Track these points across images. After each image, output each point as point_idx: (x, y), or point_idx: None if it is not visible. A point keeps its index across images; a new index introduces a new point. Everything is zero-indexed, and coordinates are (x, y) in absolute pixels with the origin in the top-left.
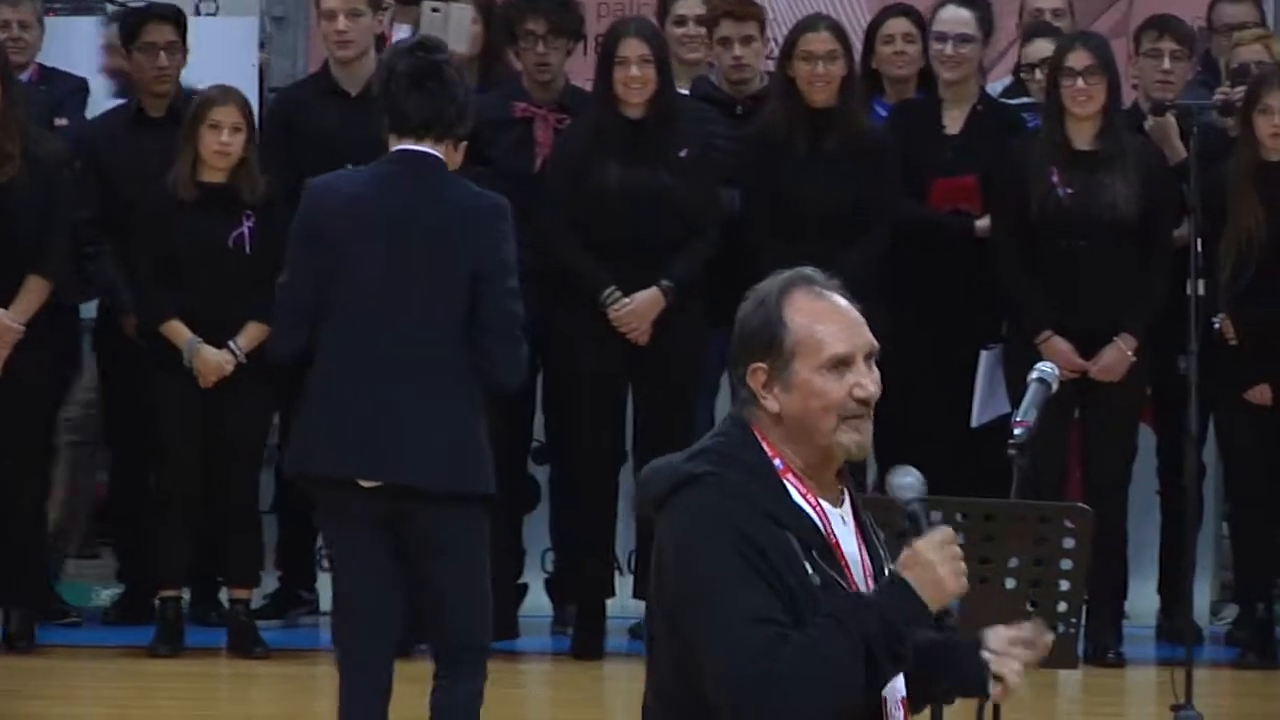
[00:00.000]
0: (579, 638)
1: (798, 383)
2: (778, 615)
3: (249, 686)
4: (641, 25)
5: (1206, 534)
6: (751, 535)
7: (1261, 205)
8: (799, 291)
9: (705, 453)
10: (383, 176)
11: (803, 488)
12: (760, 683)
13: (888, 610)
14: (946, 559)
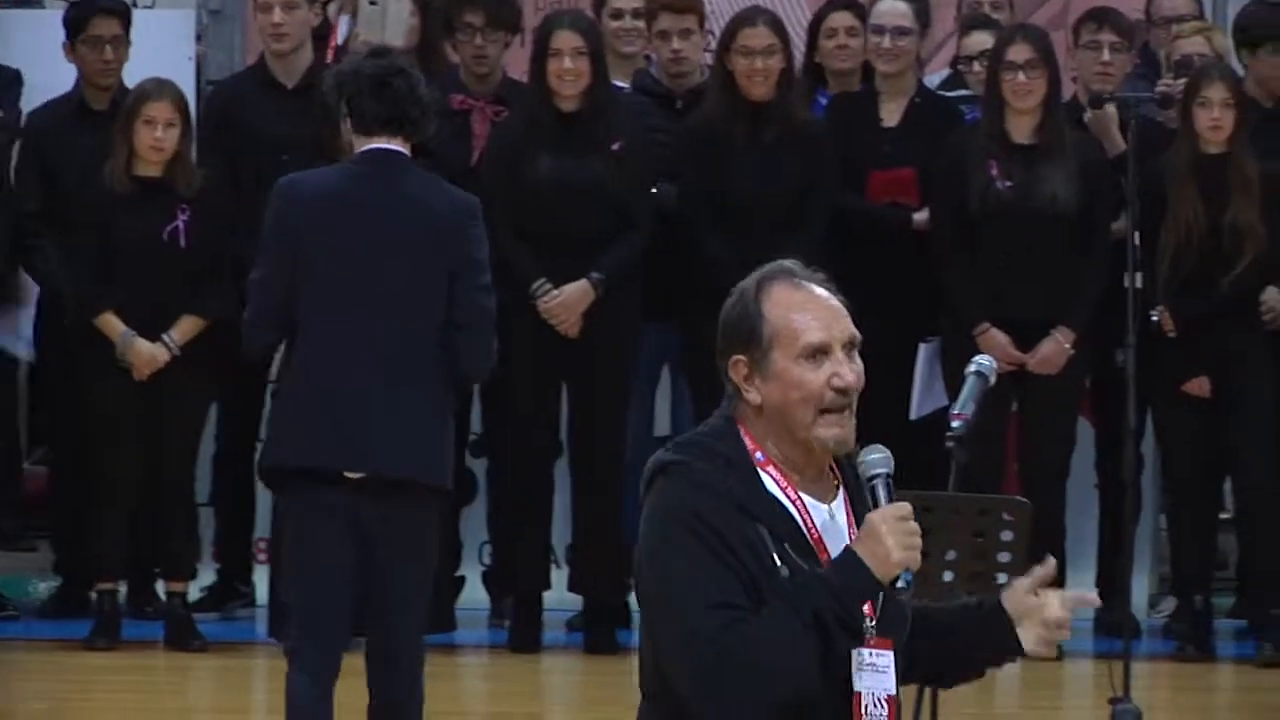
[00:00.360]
0: (516, 630)
1: (776, 373)
2: (735, 600)
3: (186, 679)
4: (575, 18)
5: (1144, 527)
6: (712, 523)
7: (1200, 198)
8: (777, 283)
9: (685, 444)
10: (354, 175)
11: (783, 481)
12: (714, 666)
13: (836, 582)
14: (896, 531)
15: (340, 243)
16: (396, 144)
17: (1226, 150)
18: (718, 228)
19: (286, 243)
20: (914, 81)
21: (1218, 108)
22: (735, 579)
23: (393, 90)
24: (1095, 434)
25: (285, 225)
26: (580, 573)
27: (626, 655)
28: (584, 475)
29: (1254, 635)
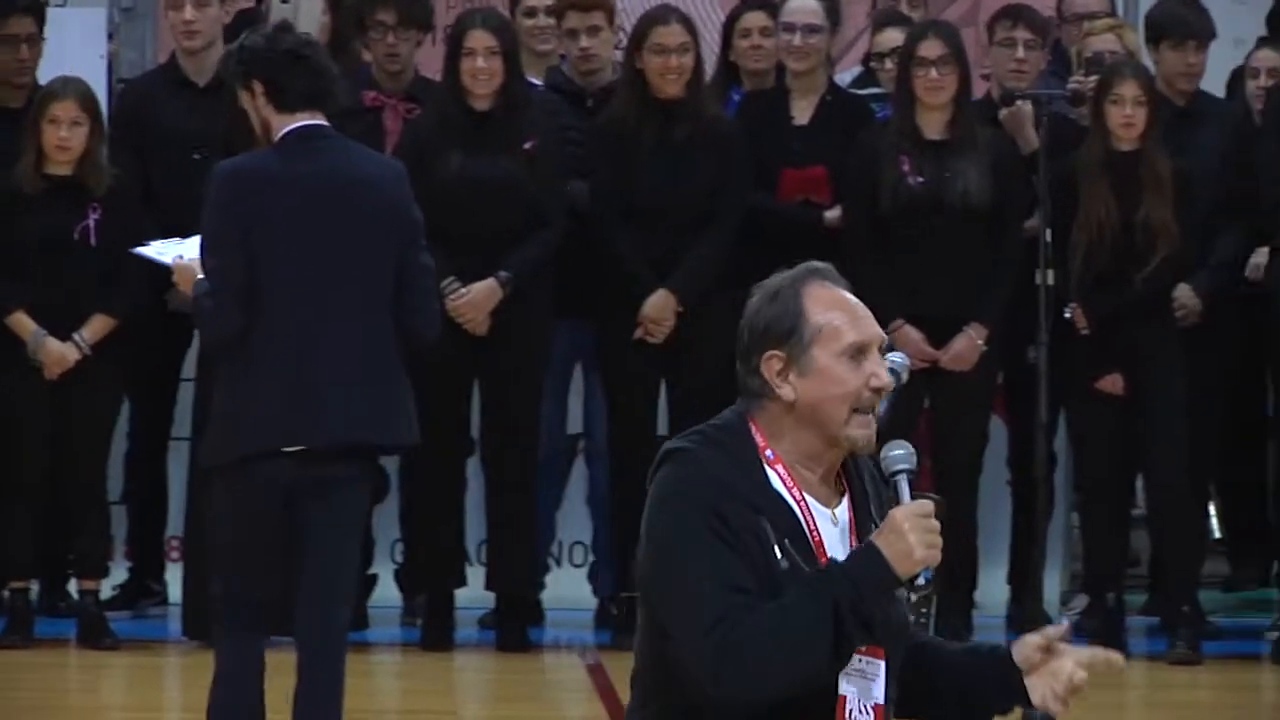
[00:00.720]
0: (428, 628)
1: (817, 369)
2: (745, 584)
3: (99, 677)
4: (489, 17)
5: (1057, 524)
6: (720, 509)
7: (1113, 194)
8: (814, 283)
9: (694, 434)
10: (291, 154)
11: (789, 480)
12: (728, 647)
13: (855, 574)
14: (918, 529)
15: (290, 222)
16: (318, 118)
17: (1139, 147)
18: (628, 226)
19: (237, 227)
20: (825, 79)
21: (1130, 105)
22: (742, 563)
23: (311, 65)
24: (1008, 431)
25: (233, 210)
26: (494, 570)
27: (539, 653)
28: (497, 473)
29: (1165, 633)
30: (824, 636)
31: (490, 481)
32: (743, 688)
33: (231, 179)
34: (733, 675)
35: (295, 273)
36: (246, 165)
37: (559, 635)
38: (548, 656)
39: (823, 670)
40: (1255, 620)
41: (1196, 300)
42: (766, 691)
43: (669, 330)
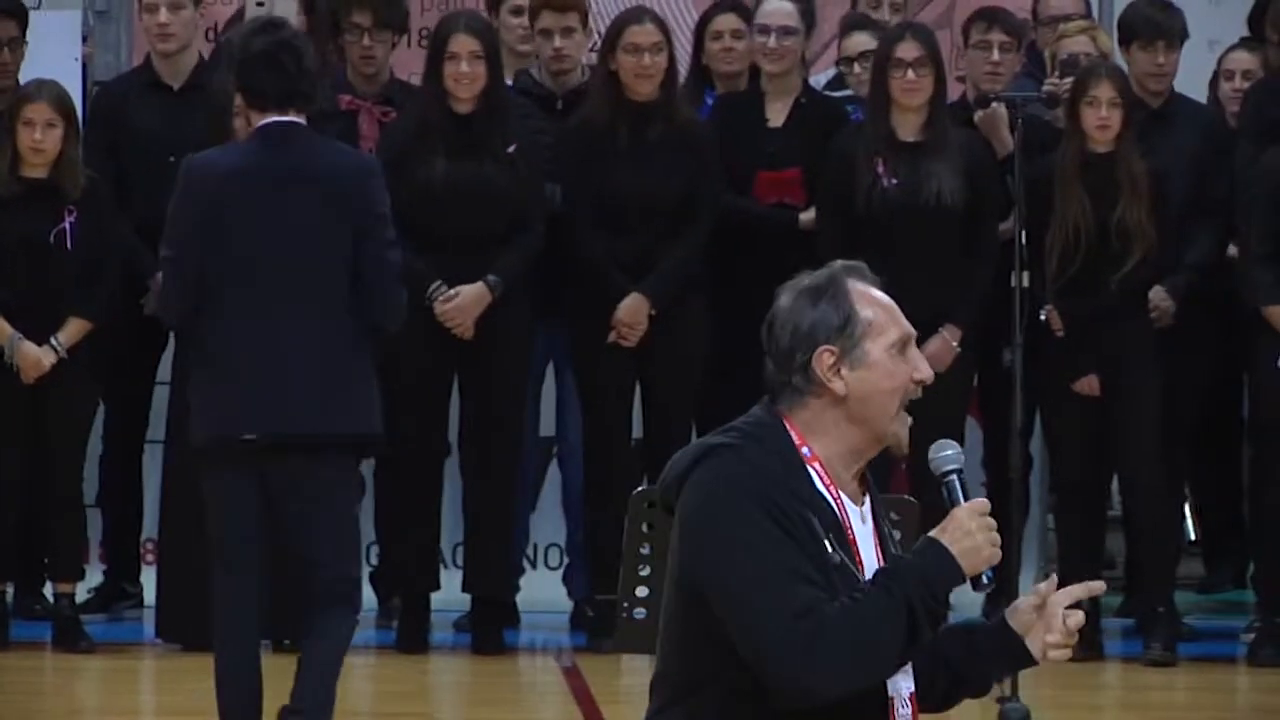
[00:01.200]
0: (404, 631)
1: (870, 363)
2: (814, 575)
3: (74, 680)
4: (472, 20)
5: (1032, 526)
6: (778, 501)
7: (1088, 196)
8: (854, 279)
9: (733, 430)
10: (256, 149)
11: (826, 478)
12: (805, 639)
13: (926, 572)
14: (984, 527)
15: (249, 215)
16: (290, 115)
17: (1114, 149)
18: (600, 228)
19: (196, 219)
20: (799, 82)
21: (1105, 107)
22: (807, 556)
23: (283, 66)
24: (983, 433)
25: (195, 202)
26: (470, 573)
27: (514, 656)
28: (476, 476)
29: (1141, 635)
30: (899, 632)
31: (468, 484)
32: (828, 679)
33: (193, 171)
34: (820, 666)
35: (253, 264)
36: (210, 159)
37: (534, 638)
38: (523, 659)
39: (894, 666)
40: (1231, 622)
41: (1170, 302)
42: (841, 688)
43: (642, 333)
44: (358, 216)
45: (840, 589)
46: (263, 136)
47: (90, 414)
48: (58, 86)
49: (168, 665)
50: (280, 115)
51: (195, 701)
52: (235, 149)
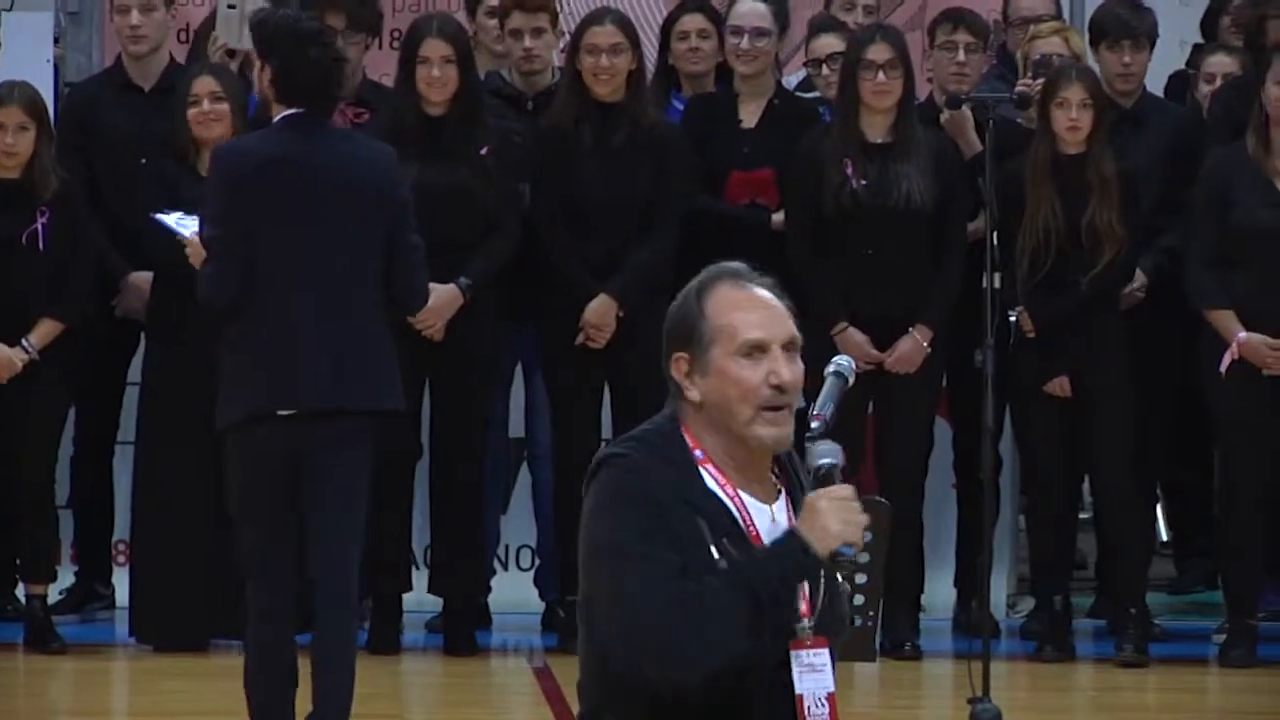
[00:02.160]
0: (375, 631)
1: (715, 370)
2: (676, 573)
3: (47, 681)
4: (444, 24)
5: (1003, 527)
6: (657, 505)
7: (1059, 197)
8: (721, 284)
9: (628, 439)
10: (289, 138)
11: (721, 479)
12: (654, 628)
13: (774, 556)
14: (836, 509)
15: (286, 200)
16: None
17: (1085, 150)
18: (567, 230)
19: (238, 200)
20: (773, 83)
21: (1076, 108)
22: (677, 556)
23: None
24: (953, 434)
25: (233, 187)
26: (440, 575)
27: (486, 656)
28: (445, 477)
29: (1112, 635)
30: (746, 618)
31: (438, 486)
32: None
33: (232, 158)
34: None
35: (291, 247)
36: (246, 145)
37: (506, 639)
38: (494, 660)
39: (748, 649)
40: (1202, 623)
41: (1143, 277)
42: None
43: (610, 335)
44: (387, 203)
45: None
46: (290, 125)
47: (61, 415)
48: (29, 88)
49: (140, 666)
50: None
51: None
52: (266, 137)
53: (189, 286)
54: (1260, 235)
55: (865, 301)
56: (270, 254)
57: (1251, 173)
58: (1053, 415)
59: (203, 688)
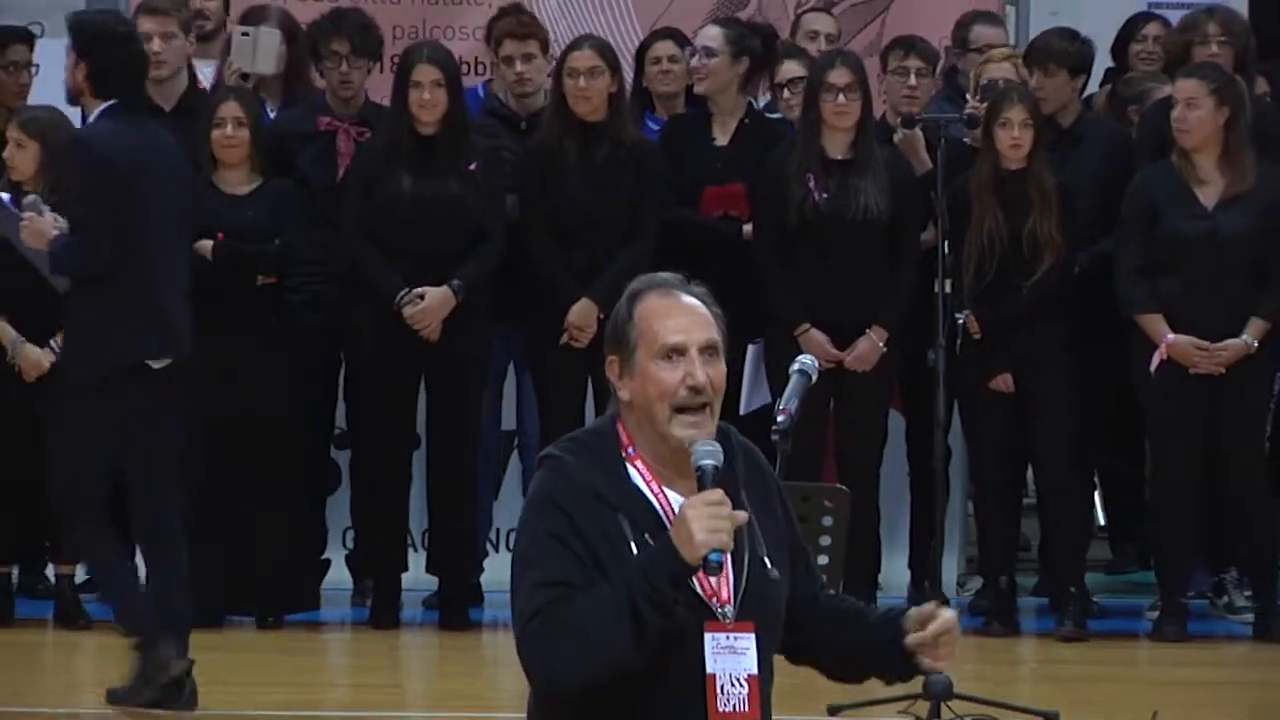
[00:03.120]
0: (376, 609)
1: (639, 371)
2: (571, 580)
3: (74, 654)
4: (433, 51)
5: (953, 513)
6: (569, 512)
7: (1001, 210)
8: (650, 293)
9: (565, 439)
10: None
11: (649, 475)
12: (534, 637)
13: (647, 563)
14: (702, 515)
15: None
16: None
17: (1025, 166)
18: (553, 240)
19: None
20: (743, 103)
21: (1017, 128)
22: (577, 562)
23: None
24: (906, 427)
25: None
26: (436, 555)
27: (478, 631)
28: (440, 465)
29: (1053, 612)
30: (623, 625)
31: (434, 474)
32: (552, 677)
33: (93, 145)
34: (542, 664)
35: (146, 219)
36: (102, 135)
37: (496, 615)
38: (486, 634)
39: (629, 655)
40: (1136, 601)
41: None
42: (576, 681)
43: (592, 335)
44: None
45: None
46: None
47: None
48: (55, 111)
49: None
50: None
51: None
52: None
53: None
54: (1185, 244)
55: (826, 305)
56: (130, 225)
57: (1176, 187)
58: (998, 410)
59: (215, 659)
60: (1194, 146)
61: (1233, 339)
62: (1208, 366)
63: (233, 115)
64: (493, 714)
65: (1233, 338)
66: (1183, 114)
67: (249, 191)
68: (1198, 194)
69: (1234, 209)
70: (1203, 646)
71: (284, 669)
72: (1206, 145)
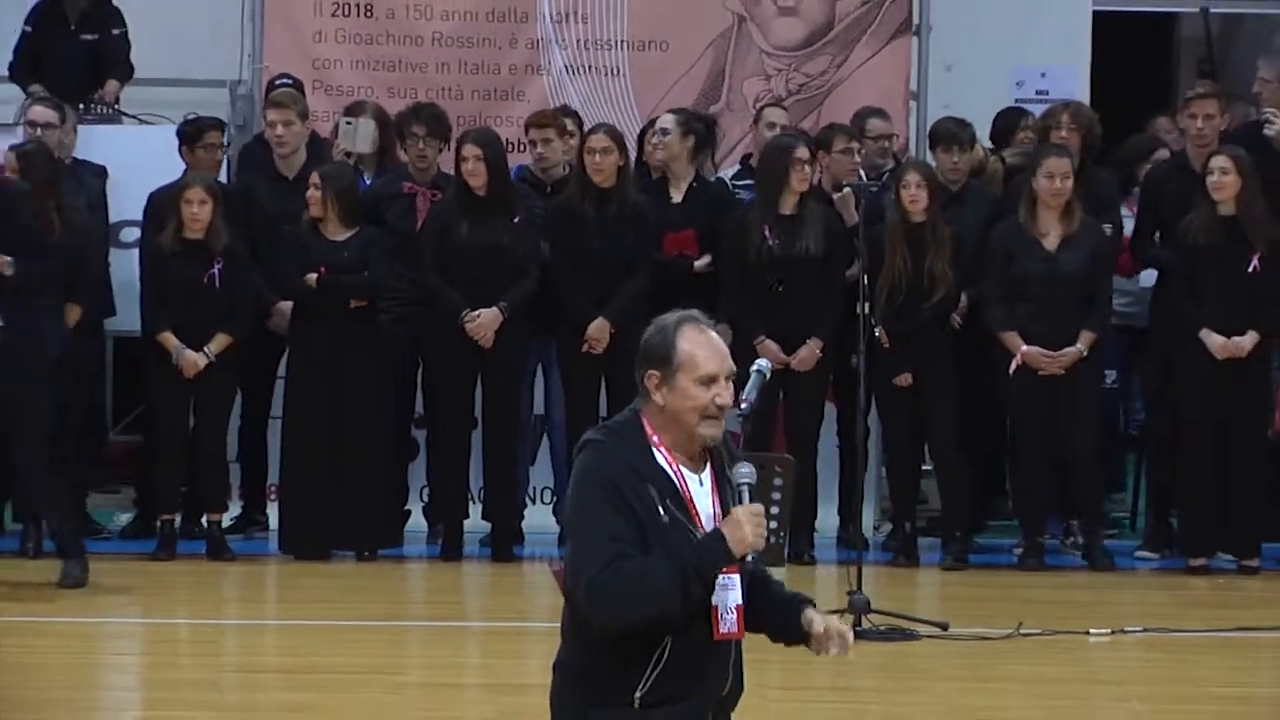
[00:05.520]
0: (445, 546)
1: (680, 388)
2: (626, 538)
3: (220, 582)
4: (476, 134)
5: (871, 475)
6: (616, 482)
7: (908, 252)
8: (689, 325)
9: (603, 427)
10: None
11: (669, 457)
12: (604, 584)
13: (702, 549)
14: (752, 523)
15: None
16: None
17: (925, 219)
18: (575, 274)
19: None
20: (692, 171)
21: (914, 188)
22: (625, 520)
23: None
24: (837, 412)
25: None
26: (489, 506)
27: (520, 562)
28: (491, 441)
29: (943, 549)
30: (674, 590)
31: (487, 446)
32: (613, 618)
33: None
34: (608, 607)
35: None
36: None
37: (534, 550)
38: (525, 565)
39: (674, 613)
40: (1002, 540)
41: (965, 302)
42: (631, 622)
43: (605, 344)
44: None
45: (671, 539)
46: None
47: (231, 399)
48: (209, 177)
49: (284, 569)
50: None
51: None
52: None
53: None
54: (1032, 280)
55: (777, 322)
56: None
57: (1025, 236)
58: (902, 400)
59: (324, 583)
60: (1057, 206)
61: (1070, 348)
62: (1052, 369)
63: (313, 182)
64: (531, 623)
65: (1070, 347)
66: (1060, 185)
67: (345, 238)
68: (1041, 241)
69: (1067, 252)
70: (1056, 573)
71: (376, 591)
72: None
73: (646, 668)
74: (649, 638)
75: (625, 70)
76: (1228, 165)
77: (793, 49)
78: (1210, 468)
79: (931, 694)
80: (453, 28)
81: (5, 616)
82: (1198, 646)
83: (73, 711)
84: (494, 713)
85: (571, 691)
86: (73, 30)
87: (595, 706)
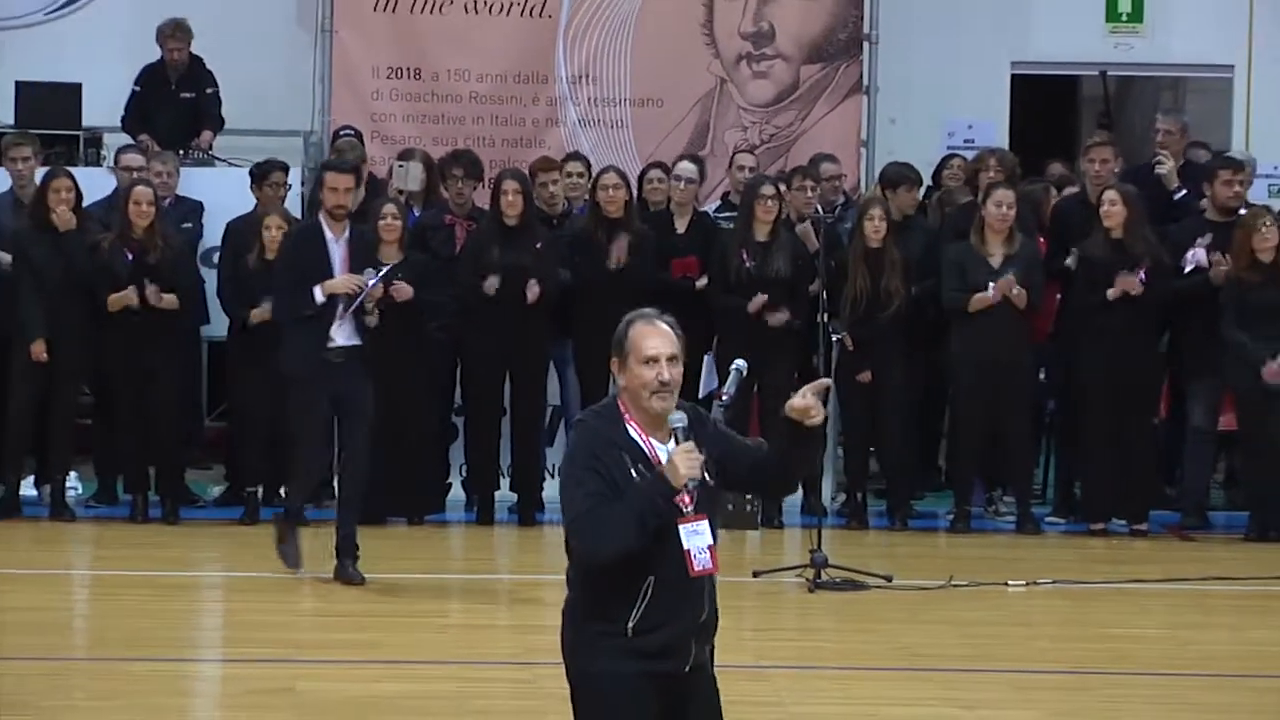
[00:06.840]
0: (480, 513)
1: (630, 369)
2: (602, 492)
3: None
4: (515, 173)
5: (830, 453)
6: (596, 453)
7: (868, 271)
8: (639, 320)
9: (590, 410)
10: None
11: (640, 431)
12: (581, 525)
13: (649, 485)
14: (684, 460)
15: None
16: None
17: (881, 246)
18: (591, 291)
19: None
20: (693, 207)
21: (877, 220)
22: (602, 481)
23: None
24: None
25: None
26: (516, 480)
27: (541, 527)
28: (518, 426)
29: (888, 515)
30: (631, 520)
31: (515, 431)
32: (589, 549)
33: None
34: (584, 542)
35: None
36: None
37: (553, 517)
38: (546, 529)
39: (635, 540)
40: (936, 508)
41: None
42: (604, 554)
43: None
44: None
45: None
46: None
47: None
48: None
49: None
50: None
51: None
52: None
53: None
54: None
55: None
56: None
57: (975, 256)
58: (861, 392)
59: (381, 543)
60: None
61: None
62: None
63: (390, 213)
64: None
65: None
66: (1006, 212)
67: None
68: (989, 260)
69: (1009, 268)
70: (983, 536)
71: (425, 550)
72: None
73: (636, 600)
74: (633, 576)
75: (628, 122)
76: (1116, 198)
77: (765, 105)
78: (1108, 448)
79: (878, 634)
80: (486, 88)
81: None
82: (1097, 595)
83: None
84: (520, 648)
85: (576, 627)
86: (174, 89)
87: (599, 636)
